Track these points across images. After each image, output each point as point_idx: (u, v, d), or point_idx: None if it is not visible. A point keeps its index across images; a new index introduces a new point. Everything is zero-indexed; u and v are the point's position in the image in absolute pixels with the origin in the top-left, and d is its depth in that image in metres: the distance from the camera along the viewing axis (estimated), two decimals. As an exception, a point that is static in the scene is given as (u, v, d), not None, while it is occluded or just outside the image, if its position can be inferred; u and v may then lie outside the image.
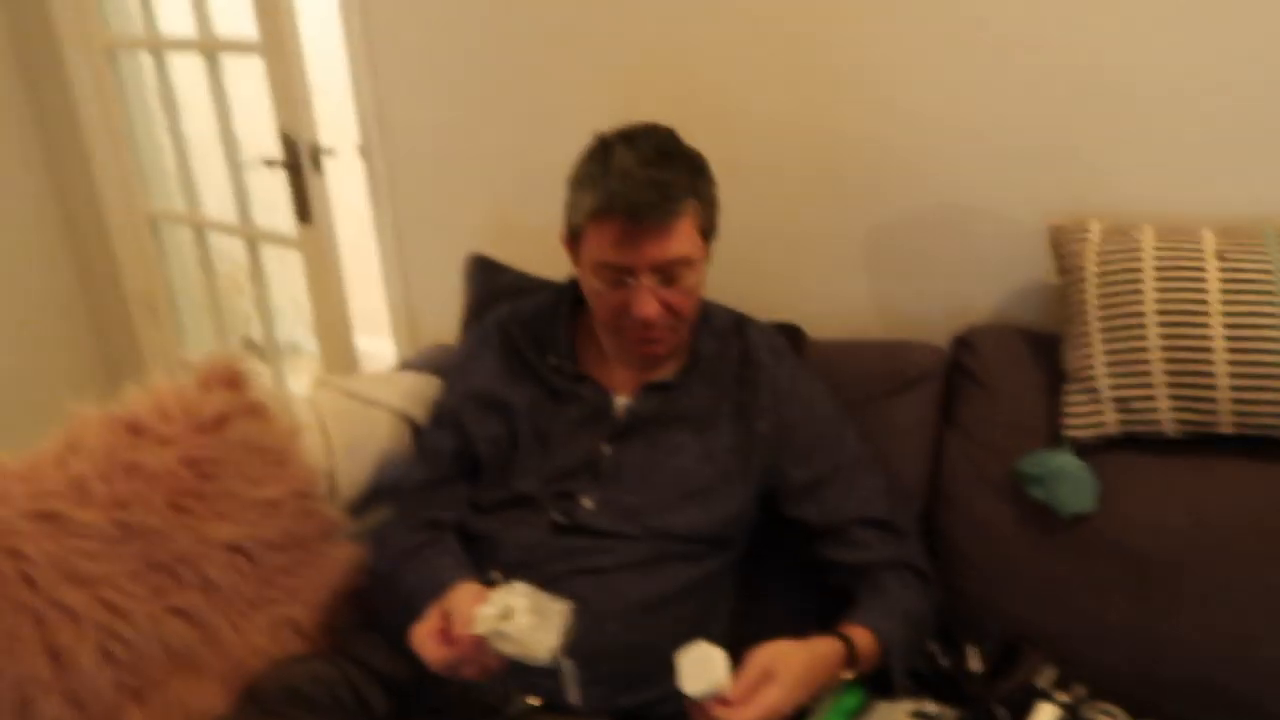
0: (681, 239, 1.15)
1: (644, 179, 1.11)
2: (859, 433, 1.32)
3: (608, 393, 1.28)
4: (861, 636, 1.11)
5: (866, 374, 1.40)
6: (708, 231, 1.22)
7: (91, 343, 2.84)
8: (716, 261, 1.28)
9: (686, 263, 1.17)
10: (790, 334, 1.42)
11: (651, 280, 1.16)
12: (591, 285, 1.21)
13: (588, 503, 1.21)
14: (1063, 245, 1.33)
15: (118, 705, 1.11)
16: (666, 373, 1.28)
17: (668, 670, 1.18)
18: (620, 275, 1.16)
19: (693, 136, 1.25)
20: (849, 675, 1.09)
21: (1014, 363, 1.38)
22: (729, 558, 1.26)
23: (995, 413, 1.35)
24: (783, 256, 1.63)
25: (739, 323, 1.34)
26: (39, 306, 2.72)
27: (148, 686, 1.14)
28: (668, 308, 1.18)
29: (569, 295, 1.35)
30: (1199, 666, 1.17)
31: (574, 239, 1.22)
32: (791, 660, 1.01)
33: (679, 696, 1.20)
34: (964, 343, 1.43)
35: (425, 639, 1.05)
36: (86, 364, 2.81)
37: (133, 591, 1.14)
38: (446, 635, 1.04)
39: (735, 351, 1.30)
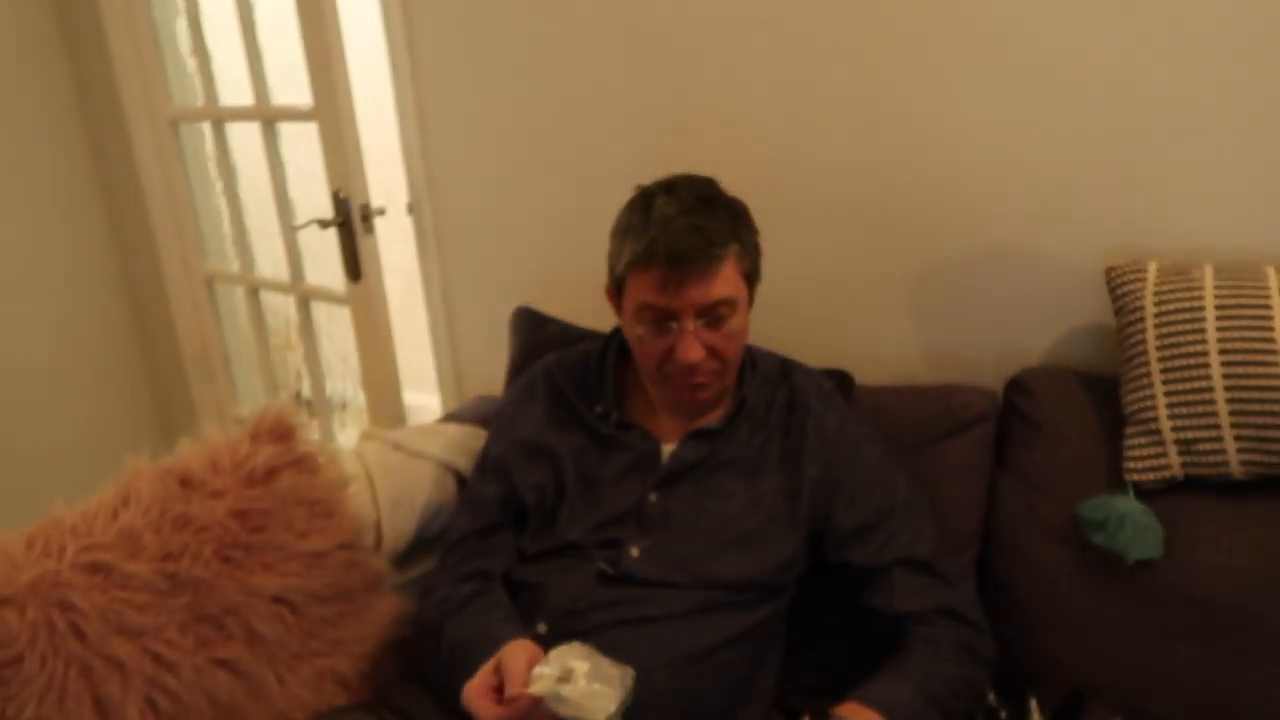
0: (724, 282, 1.15)
1: (685, 226, 1.13)
2: (909, 478, 1.28)
3: (655, 440, 1.27)
4: (856, 711, 1.05)
5: (917, 419, 1.37)
6: (750, 276, 1.22)
7: (150, 400, 2.91)
8: (764, 308, 1.28)
9: (729, 304, 1.16)
10: (838, 380, 1.40)
11: (695, 324, 1.15)
12: (635, 332, 1.21)
13: (634, 551, 1.19)
14: (1119, 285, 1.30)
15: (162, 758, 1.10)
16: (712, 419, 1.26)
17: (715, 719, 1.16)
18: (664, 319, 1.16)
19: (739, 184, 1.26)
20: None
21: (1070, 405, 1.34)
22: (778, 605, 1.23)
23: (1052, 457, 1.31)
24: (831, 302, 1.61)
25: (785, 368, 1.32)
26: (101, 364, 2.80)
27: (192, 739, 1.14)
28: (712, 351, 1.18)
29: (615, 344, 1.35)
30: (1270, 718, 1.11)
31: (617, 289, 1.23)
32: None
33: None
34: (1018, 385, 1.40)
35: (478, 697, 1.03)
36: (145, 420, 2.88)
37: (179, 643, 1.15)
38: (500, 693, 1.02)
39: (782, 397, 1.28)
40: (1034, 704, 1.16)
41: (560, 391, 1.34)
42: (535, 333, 1.70)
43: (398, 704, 1.20)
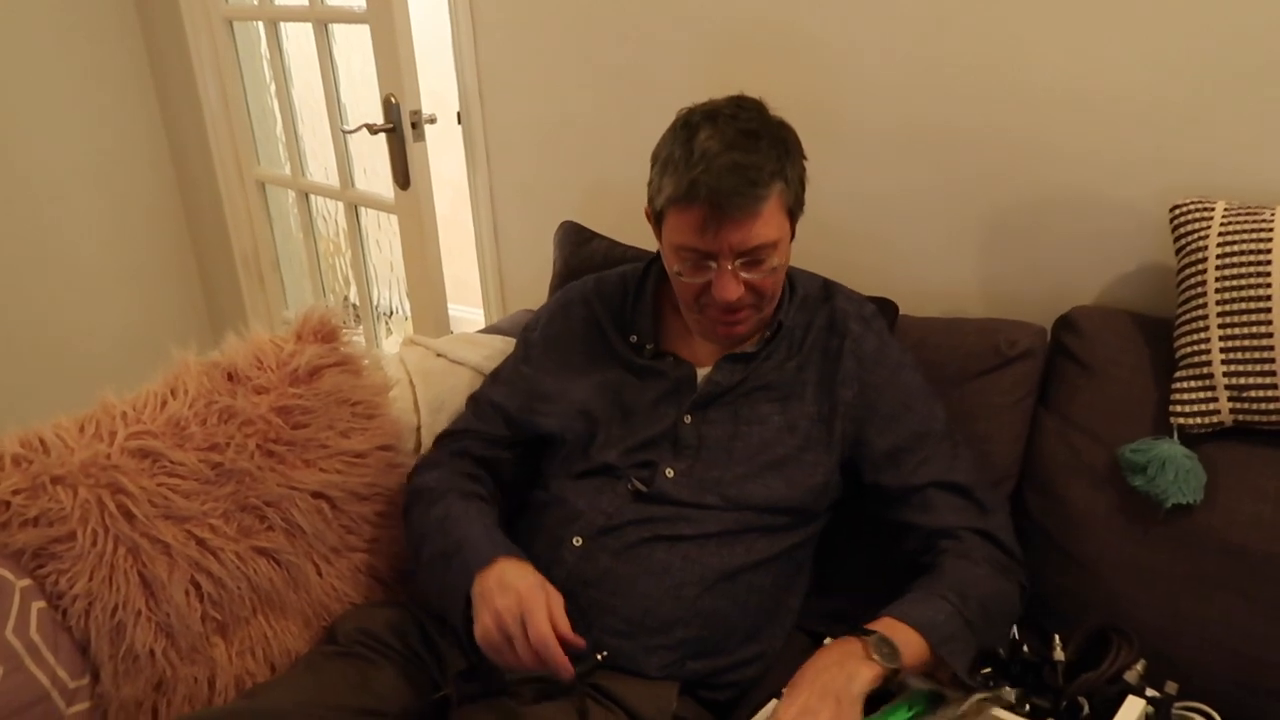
0: (766, 224, 1.11)
1: (727, 164, 1.07)
2: (945, 410, 1.27)
3: (690, 365, 1.26)
4: (892, 628, 1.04)
5: (962, 352, 1.35)
6: (794, 210, 1.17)
7: (202, 300, 2.97)
8: (813, 229, 1.24)
9: (771, 246, 1.13)
10: (882, 307, 1.38)
11: (734, 265, 1.12)
12: (673, 267, 1.18)
13: (669, 472, 1.20)
14: (1183, 224, 1.26)
15: (204, 637, 1.15)
16: (748, 343, 1.25)
17: (739, 640, 1.18)
18: (702, 259, 1.13)
19: (793, 102, 1.21)
20: (881, 665, 1.01)
21: (1120, 346, 1.31)
22: (810, 530, 1.24)
23: (1098, 397, 1.28)
24: (883, 228, 1.58)
25: (827, 290, 1.30)
26: (155, 264, 2.86)
27: (233, 621, 1.18)
28: (750, 288, 1.15)
29: (652, 272, 1.33)
30: (1309, 673, 1.10)
31: (657, 219, 1.20)
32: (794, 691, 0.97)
33: (744, 665, 1.19)
34: (1067, 323, 1.36)
35: (502, 648, 1.03)
36: (196, 320, 2.95)
37: (223, 530, 1.19)
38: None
39: (822, 319, 1.26)
40: (1057, 640, 1.16)
41: (596, 321, 1.33)
42: (580, 248, 1.69)
43: (424, 602, 1.24)
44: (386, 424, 1.39)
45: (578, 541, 1.17)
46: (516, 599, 1.03)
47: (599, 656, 1.10)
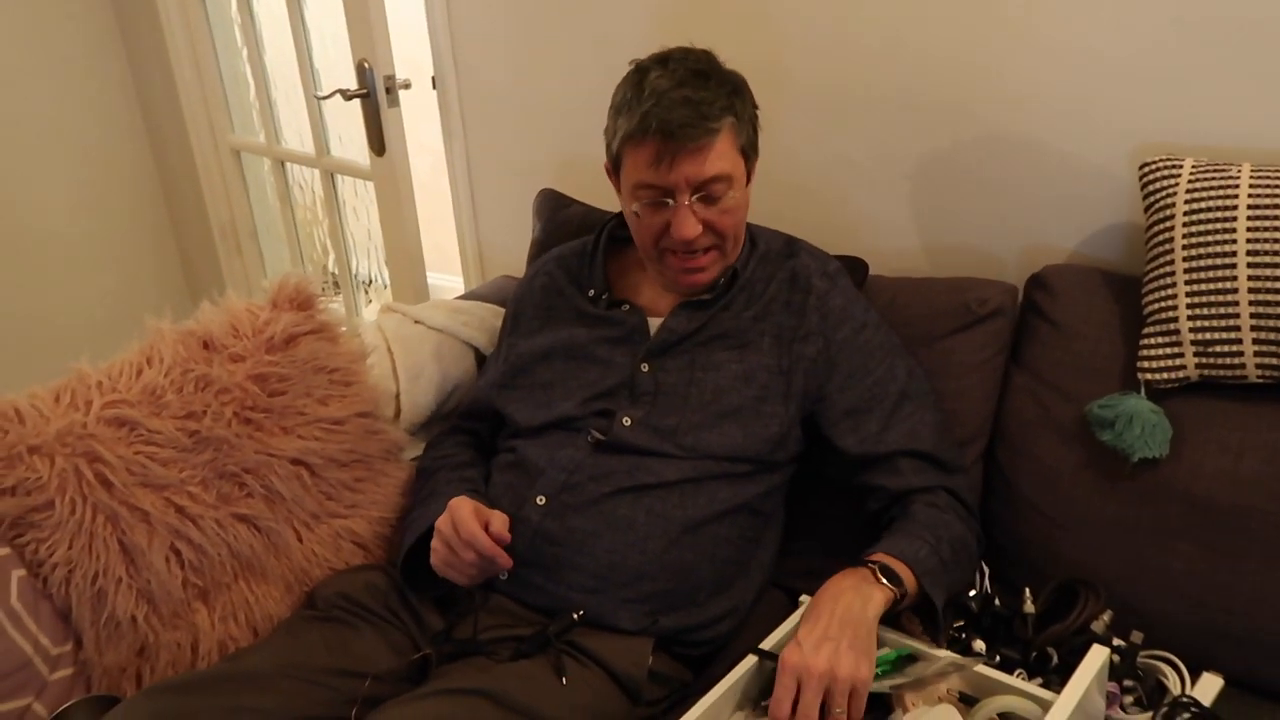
0: (719, 156, 1.14)
1: (678, 99, 1.11)
2: (914, 368, 1.28)
3: (642, 312, 1.29)
4: (881, 559, 1.08)
5: (933, 310, 1.36)
6: (748, 150, 1.20)
7: (178, 270, 2.95)
8: (779, 189, 1.25)
9: (725, 180, 1.15)
10: (852, 267, 1.39)
11: (690, 199, 1.15)
12: (632, 210, 1.20)
13: (626, 420, 1.22)
14: (1152, 182, 1.26)
15: (186, 603, 1.16)
16: (703, 292, 1.26)
17: (708, 593, 1.19)
18: (659, 196, 1.16)
19: (761, 60, 1.22)
20: (891, 589, 1.05)
21: (1090, 303, 1.32)
22: (774, 482, 1.25)
23: (1067, 354, 1.30)
24: (851, 186, 1.58)
25: (791, 246, 1.31)
26: (130, 234, 2.83)
27: (214, 587, 1.19)
28: (709, 227, 1.17)
29: (608, 231, 1.36)
30: (1264, 619, 1.13)
31: (615, 166, 1.23)
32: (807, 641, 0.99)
33: (717, 621, 1.21)
34: (1038, 281, 1.37)
35: (449, 559, 1.14)
36: (174, 290, 2.93)
37: (202, 498, 1.19)
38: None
39: (785, 274, 1.27)
40: (1027, 593, 1.19)
41: (556, 287, 1.37)
42: (558, 214, 1.69)
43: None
44: (364, 391, 1.39)
45: (541, 500, 1.19)
46: (449, 516, 1.14)
47: (575, 615, 1.12)
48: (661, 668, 1.15)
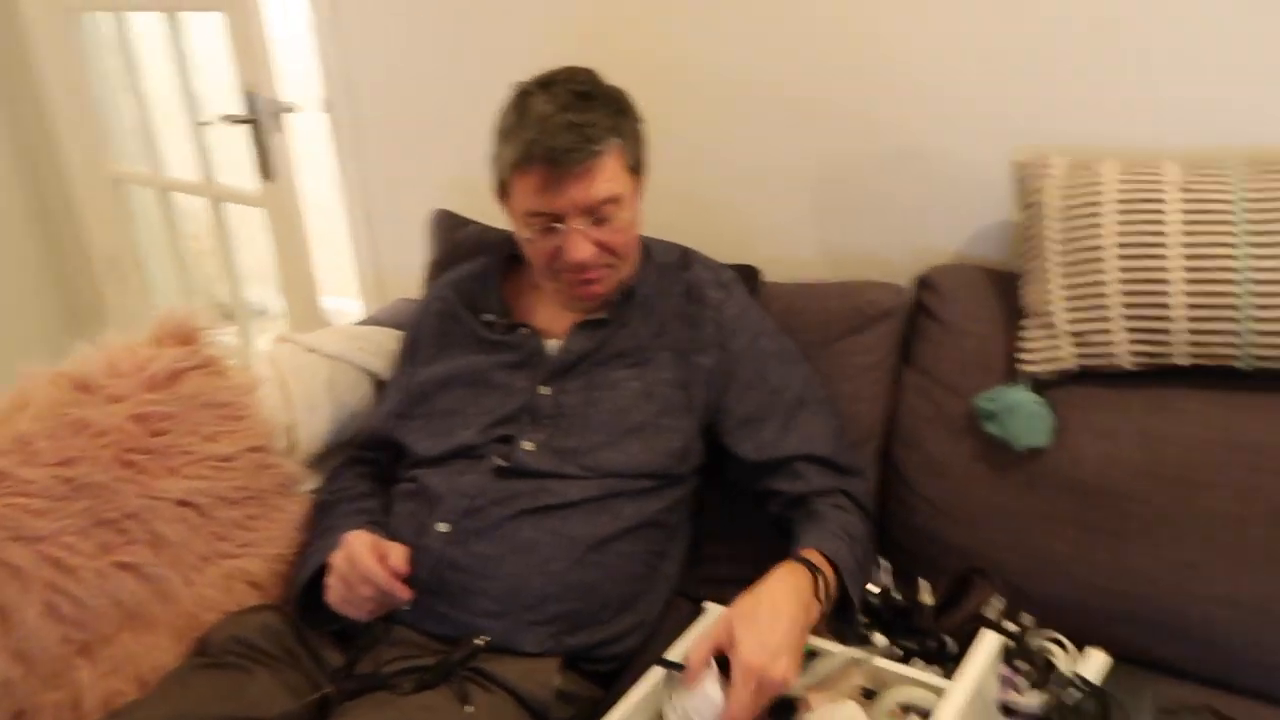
0: (606, 179, 1.14)
1: (562, 124, 1.11)
2: (810, 374, 1.30)
3: (540, 335, 1.28)
4: (814, 557, 1.09)
5: (825, 315, 1.39)
6: (636, 168, 1.21)
7: (59, 305, 2.82)
8: (670, 199, 1.26)
9: (615, 201, 1.16)
10: (746, 275, 1.40)
11: (581, 223, 1.15)
12: (524, 235, 1.20)
13: (527, 445, 1.21)
14: (1026, 181, 1.31)
15: (64, 659, 1.10)
16: (600, 310, 1.27)
17: (614, 610, 1.19)
18: (549, 221, 1.16)
19: (652, 79, 1.23)
20: (821, 602, 1.06)
21: (975, 301, 1.36)
22: (678, 494, 1.25)
23: (955, 351, 1.34)
24: (740, 198, 1.60)
25: (685, 258, 1.32)
26: (5, 268, 2.69)
27: (97, 641, 1.13)
28: (602, 248, 1.18)
29: (503, 251, 1.35)
30: (1142, 595, 1.17)
31: (503, 192, 1.22)
32: (746, 618, 0.98)
33: (625, 637, 1.20)
34: (926, 282, 1.41)
35: (346, 595, 1.11)
36: (54, 326, 2.79)
37: (79, 548, 1.13)
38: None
39: (680, 287, 1.28)
40: (924, 584, 1.22)
41: (452, 312, 1.35)
42: (453, 234, 1.67)
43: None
44: (255, 425, 1.35)
45: (443, 527, 1.17)
46: (345, 550, 1.11)
47: (479, 641, 1.10)
48: (570, 687, 1.14)
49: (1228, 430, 1.17)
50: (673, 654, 1.10)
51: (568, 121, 1.11)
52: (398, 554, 1.11)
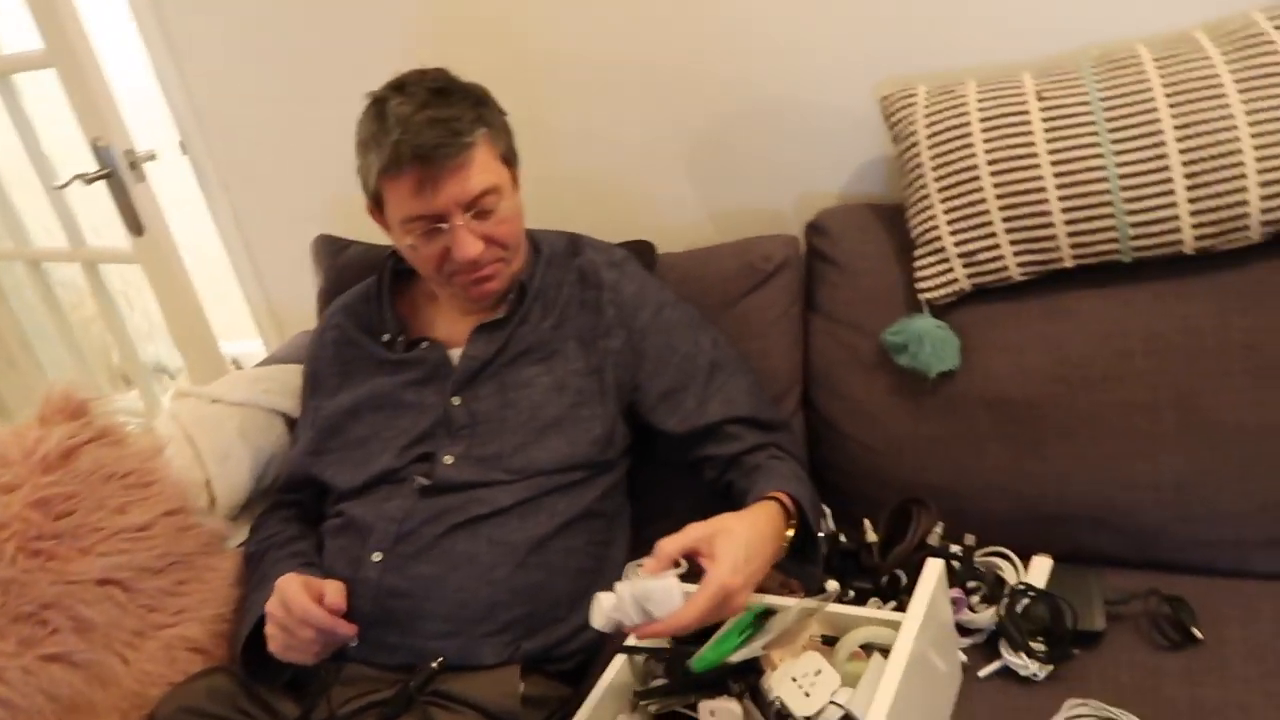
0: (481, 170, 1.13)
1: (425, 121, 1.09)
2: (718, 337, 1.30)
3: (442, 347, 1.25)
4: (783, 497, 1.10)
5: (723, 276, 1.39)
6: (509, 158, 1.20)
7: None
8: (553, 185, 1.25)
9: (495, 192, 1.15)
10: (639, 250, 1.40)
11: (465, 219, 1.13)
12: (406, 243, 1.18)
13: (448, 459, 1.19)
14: (893, 113, 1.33)
15: (5, 766, 1.05)
16: (497, 311, 1.25)
17: (568, 606, 1.18)
18: (431, 224, 1.14)
19: (516, 71, 1.21)
20: (789, 532, 1.07)
21: (866, 239, 1.38)
22: (611, 481, 1.25)
23: (854, 291, 1.36)
24: (625, 175, 1.60)
25: (574, 245, 1.31)
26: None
27: (36, 741, 1.08)
28: (490, 242, 1.16)
29: (389, 268, 1.32)
30: (1072, 495, 1.21)
31: (377, 204, 1.19)
32: (731, 535, 0.97)
33: (586, 631, 1.19)
34: (816, 227, 1.43)
35: (287, 642, 1.07)
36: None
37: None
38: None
39: (573, 274, 1.27)
40: (866, 524, 1.24)
41: (347, 338, 1.32)
42: (337, 259, 1.63)
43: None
44: (167, 488, 1.30)
45: (377, 557, 1.15)
46: (276, 595, 1.08)
47: (435, 664, 1.08)
48: (536, 690, 1.13)
49: (1122, 323, 1.21)
50: (634, 640, 1.10)
51: (430, 118, 1.08)
52: (333, 590, 1.08)
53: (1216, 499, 1.16)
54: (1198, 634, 1.08)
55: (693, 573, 0.99)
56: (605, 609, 0.96)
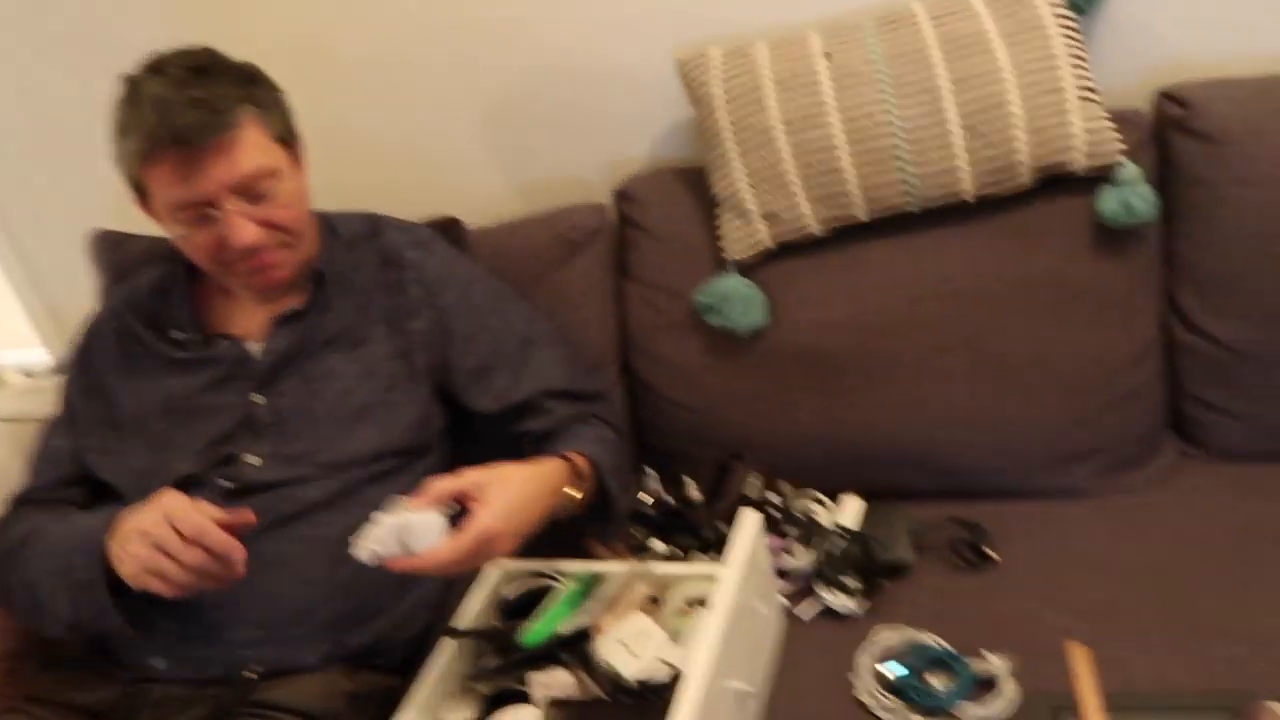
0: (250, 151, 1.06)
1: (184, 101, 1.01)
2: (530, 311, 1.29)
3: (240, 342, 1.18)
4: (573, 456, 1.10)
5: (533, 249, 1.38)
6: (286, 139, 1.13)
7: None
8: (357, 165, 1.19)
9: (269, 174, 1.08)
10: (447, 228, 1.36)
11: (237, 203, 1.06)
12: (177, 233, 1.09)
13: (254, 460, 1.12)
14: (690, 76, 1.34)
15: None
16: (296, 301, 1.18)
17: (391, 595, 1.15)
18: (200, 210, 1.06)
19: (308, 34, 1.13)
20: (575, 493, 1.07)
21: (673, 203, 1.40)
22: (429, 464, 1.21)
23: (664, 255, 1.37)
24: (427, 152, 1.55)
25: (374, 225, 1.26)
26: None
27: None
28: (269, 226, 1.09)
29: (181, 260, 1.21)
30: (877, 437, 1.28)
31: (140, 193, 1.10)
32: (505, 482, 0.97)
33: (413, 620, 1.17)
34: (624, 195, 1.43)
35: (160, 563, 0.92)
36: None
37: None
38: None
39: (374, 257, 1.22)
40: (689, 483, 1.26)
41: (134, 336, 1.21)
42: (117, 255, 1.50)
43: (44, 693, 1.09)
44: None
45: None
46: (153, 510, 0.95)
47: (250, 674, 1.03)
48: (365, 687, 1.09)
49: (915, 271, 1.27)
50: (461, 621, 1.08)
51: (189, 98, 1.01)
52: (218, 511, 0.95)
53: (1003, 428, 1.25)
54: (992, 554, 1.16)
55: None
56: (367, 539, 0.94)
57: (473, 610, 1.09)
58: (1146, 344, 1.27)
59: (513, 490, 0.97)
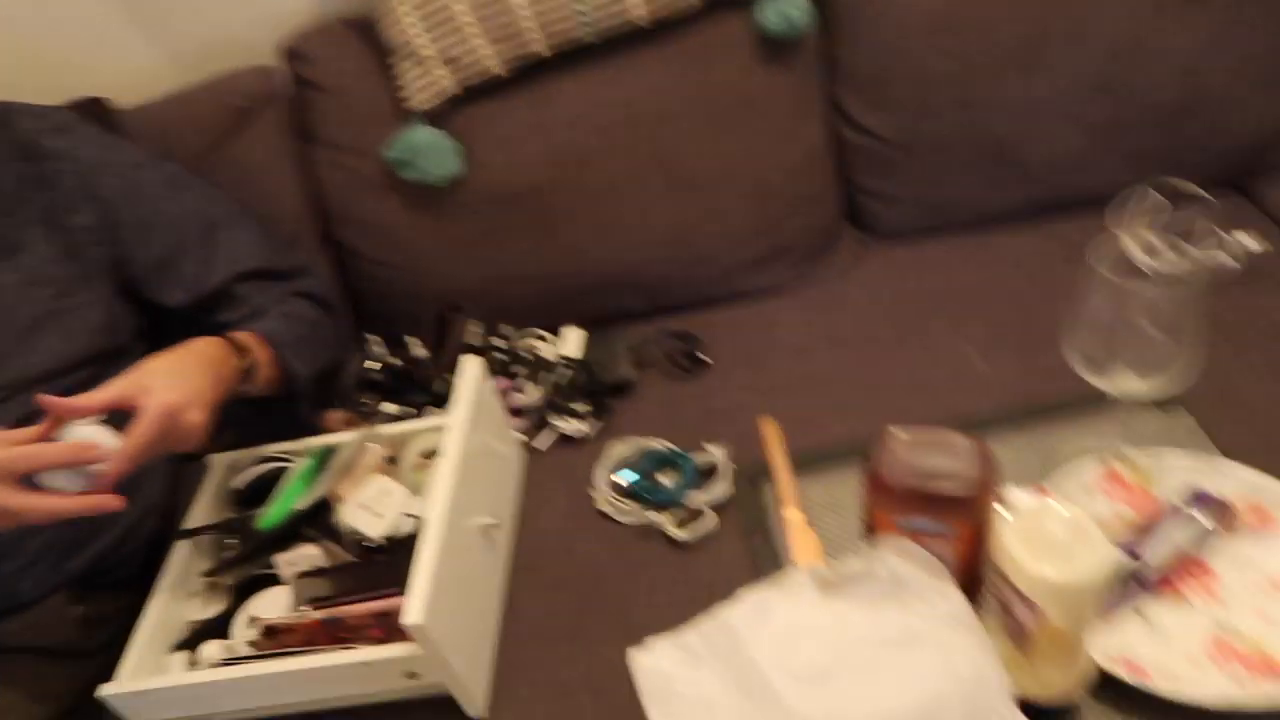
0: None
1: None
2: (210, 192, 1.19)
3: None
4: (237, 335, 1.06)
5: (200, 123, 1.26)
6: None
7: None
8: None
9: None
10: (88, 109, 1.22)
11: None
12: None
13: None
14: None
15: None
16: None
17: (106, 518, 1.07)
18: None
19: None
20: (241, 361, 1.03)
21: (348, 57, 1.31)
22: (129, 365, 1.13)
23: (348, 114, 1.30)
24: (56, 29, 1.35)
25: (2, 115, 1.10)
26: None
27: None
28: None
29: None
30: (587, 267, 1.34)
31: None
32: (150, 366, 0.93)
33: (140, 528, 1.11)
34: (296, 54, 1.33)
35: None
36: None
37: None
38: None
39: (8, 151, 1.08)
40: (411, 341, 1.26)
41: None
42: None
43: None
44: None
45: None
46: None
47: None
48: (98, 608, 1.03)
49: (601, 100, 1.29)
50: (192, 521, 1.05)
51: None
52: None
53: (701, 241, 1.33)
54: (705, 358, 1.25)
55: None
56: (45, 478, 0.87)
57: (202, 507, 1.05)
58: (818, 146, 1.38)
59: (163, 367, 0.93)
